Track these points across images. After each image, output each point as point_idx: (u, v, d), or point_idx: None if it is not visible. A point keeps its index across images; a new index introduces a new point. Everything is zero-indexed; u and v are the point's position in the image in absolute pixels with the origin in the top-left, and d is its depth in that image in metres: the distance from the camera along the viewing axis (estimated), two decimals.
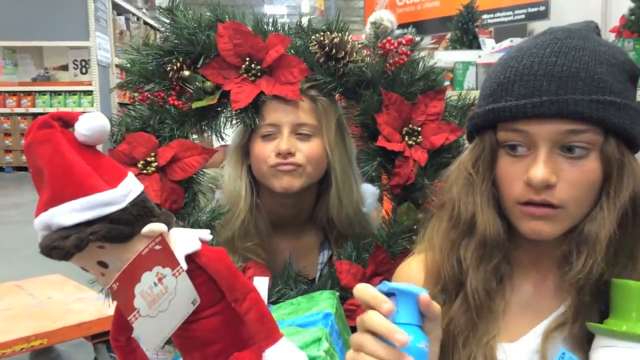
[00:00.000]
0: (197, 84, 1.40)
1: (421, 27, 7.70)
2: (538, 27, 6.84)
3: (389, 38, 1.44)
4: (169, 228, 0.89)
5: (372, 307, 0.78)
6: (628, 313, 0.82)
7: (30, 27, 9.00)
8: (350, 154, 1.54)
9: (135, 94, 1.44)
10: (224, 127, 1.48)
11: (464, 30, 5.72)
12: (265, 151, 1.44)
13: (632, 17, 3.71)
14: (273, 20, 1.46)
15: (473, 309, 0.97)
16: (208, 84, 1.41)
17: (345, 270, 1.44)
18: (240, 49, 1.41)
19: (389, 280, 1.41)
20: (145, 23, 11.34)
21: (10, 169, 9.68)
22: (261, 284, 1.28)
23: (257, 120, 1.43)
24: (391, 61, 1.44)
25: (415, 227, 1.45)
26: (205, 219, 1.36)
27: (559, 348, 0.91)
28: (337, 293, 1.33)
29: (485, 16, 6.97)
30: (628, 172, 0.90)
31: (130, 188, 0.86)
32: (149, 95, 1.43)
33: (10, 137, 9.66)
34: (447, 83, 1.49)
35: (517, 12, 7.21)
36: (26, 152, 0.84)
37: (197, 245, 0.92)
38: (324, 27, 1.45)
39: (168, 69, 1.41)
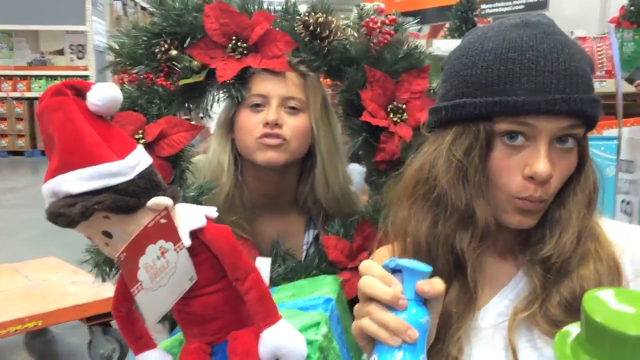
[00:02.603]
0: (184, 63, 1.41)
1: (420, 16, 7.65)
2: None
3: (373, 17, 1.44)
4: (175, 203, 0.91)
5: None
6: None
7: (27, 10, 8.97)
8: (335, 131, 1.55)
9: (125, 76, 1.45)
10: (211, 105, 1.50)
11: (463, 20, 5.68)
12: (252, 122, 1.45)
13: (632, 8, 3.69)
14: (259, 2, 1.47)
15: (472, 292, 0.98)
16: (195, 63, 1.42)
17: (332, 246, 1.46)
18: (226, 28, 1.42)
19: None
20: (143, 8, 11.28)
21: (5, 153, 9.67)
22: (263, 265, 1.29)
23: (243, 92, 1.44)
24: (375, 41, 1.45)
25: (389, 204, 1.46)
26: (192, 195, 1.37)
27: (524, 328, 0.96)
28: (340, 279, 1.35)
29: (484, 6, 6.91)
30: (590, 160, 0.99)
31: (138, 160, 0.87)
32: (137, 77, 1.44)
33: (6, 122, 9.64)
34: (429, 62, 1.50)
35: (515, 2, 7.21)
36: (38, 118, 0.85)
37: (202, 222, 0.93)
38: (309, 8, 1.46)
39: (156, 50, 1.42)
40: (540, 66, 0.89)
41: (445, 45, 4.65)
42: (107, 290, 1.35)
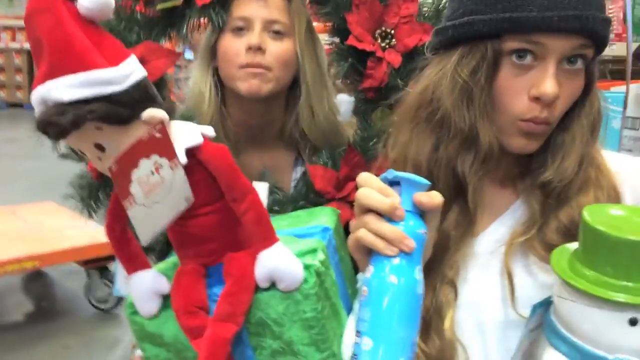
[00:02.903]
0: None
1: None
2: None
3: None
4: (171, 118, 0.88)
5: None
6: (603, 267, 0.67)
7: None
8: (321, 59, 1.51)
9: None
10: (191, 32, 1.45)
11: None
12: (234, 47, 1.41)
13: None
14: None
15: (472, 216, 0.98)
16: None
17: (319, 175, 1.42)
18: None
19: None
20: None
21: (4, 105, 9.65)
22: (261, 189, 1.26)
23: (224, 16, 1.39)
24: None
25: (390, 129, 1.43)
26: None
27: (520, 254, 0.96)
28: (339, 211, 1.31)
29: None
30: (596, 86, 0.98)
31: (132, 69, 0.85)
32: (115, 4, 1.39)
33: (4, 73, 9.60)
34: None
35: None
36: (26, 22, 0.82)
37: (199, 140, 0.91)
38: None
39: None
40: None
41: None
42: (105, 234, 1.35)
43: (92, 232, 2.99)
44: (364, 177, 0.83)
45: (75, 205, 1.36)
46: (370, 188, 0.81)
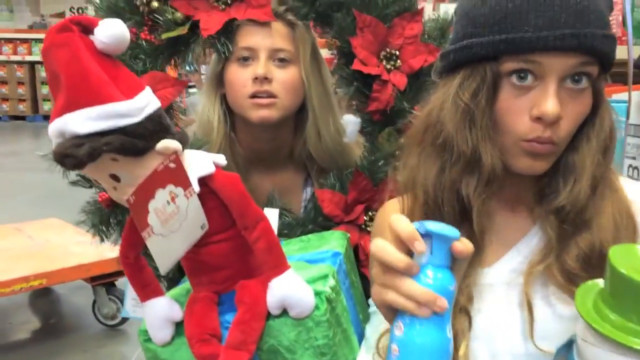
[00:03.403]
0: (167, 15, 1.36)
1: None
2: None
3: None
4: (184, 148, 0.89)
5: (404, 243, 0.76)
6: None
7: None
8: (326, 83, 1.51)
9: None
10: (197, 59, 1.46)
11: None
12: (240, 77, 1.41)
13: None
14: None
15: (479, 240, 0.94)
16: (178, 15, 1.37)
17: (327, 199, 1.43)
18: None
19: (372, 208, 1.42)
20: None
21: (7, 117, 9.66)
22: (272, 216, 1.27)
23: (230, 46, 1.40)
24: None
25: (397, 152, 1.43)
26: None
27: (538, 284, 0.93)
28: (349, 235, 1.32)
29: None
30: (607, 104, 0.94)
31: (147, 101, 0.86)
32: None
33: (7, 85, 9.61)
34: (422, 6, 1.45)
35: None
36: (44, 55, 0.84)
37: (211, 169, 0.92)
38: None
39: (138, 3, 1.37)
40: (549, 1, 0.85)
41: (453, 10, 4.54)
42: (111, 250, 1.36)
43: (98, 248, 2.97)
44: (396, 219, 0.77)
45: (79, 220, 1.36)
46: (399, 233, 0.75)
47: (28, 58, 9.53)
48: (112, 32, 0.83)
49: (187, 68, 1.48)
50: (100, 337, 3.19)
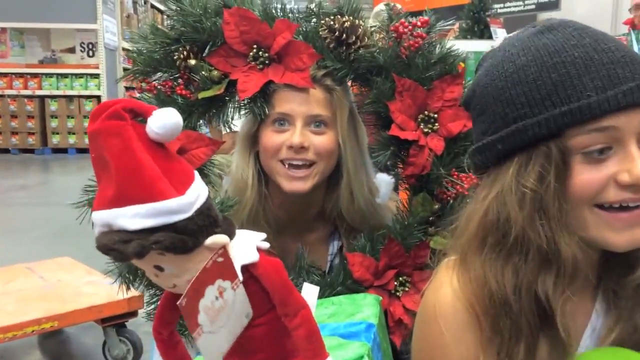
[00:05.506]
0: (203, 73, 1.35)
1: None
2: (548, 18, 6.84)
3: (402, 20, 1.38)
4: (231, 238, 0.86)
5: None
6: None
7: (38, 8, 9.01)
8: (362, 143, 1.50)
9: (143, 84, 1.40)
10: (232, 117, 1.44)
11: (475, 20, 5.62)
12: (275, 142, 1.39)
13: None
14: (282, 5, 1.40)
15: (565, 343, 0.87)
16: (215, 72, 1.36)
17: (357, 263, 1.40)
18: (247, 36, 1.36)
19: (403, 273, 1.39)
20: (153, 7, 11.31)
21: (16, 151, 9.68)
22: (311, 292, 1.25)
23: (266, 109, 1.38)
24: (405, 45, 1.38)
25: (430, 218, 1.41)
26: None
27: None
28: (380, 298, 1.28)
29: (495, 5, 6.83)
30: None
31: (197, 194, 0.82)
32: (156, 85, 1.39)
33: (17, 119, 9.66)
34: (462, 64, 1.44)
35: (527, 2, 7.12)
36: (92, 139, 0.79)
37: (255, 257, 0.89)
38: (334, 10, 1.40)
39: (175, 57, 1.37)
40: (597, 60, 0.80)
41: (456, 47, 4.60)
42: (122, 291, 1.35)
43: (108, 290, 2.95)
44: None
45: (88, 258, 1.35)
46: None
47: (38, 92, 9.60)
48: (166, 122, 0.80)
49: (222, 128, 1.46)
50: None
